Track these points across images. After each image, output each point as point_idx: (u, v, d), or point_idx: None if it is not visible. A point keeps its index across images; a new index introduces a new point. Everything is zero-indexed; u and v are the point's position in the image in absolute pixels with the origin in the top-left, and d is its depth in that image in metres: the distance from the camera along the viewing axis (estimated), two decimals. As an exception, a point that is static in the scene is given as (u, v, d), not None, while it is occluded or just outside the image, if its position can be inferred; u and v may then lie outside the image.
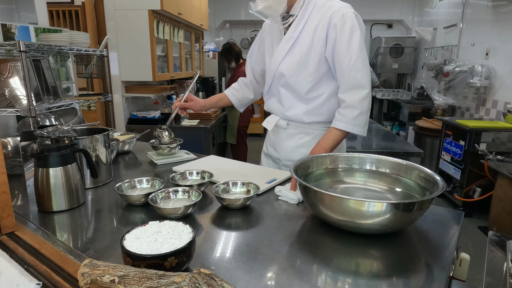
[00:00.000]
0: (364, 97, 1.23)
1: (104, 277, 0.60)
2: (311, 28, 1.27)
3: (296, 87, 1.34)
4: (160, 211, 0.92)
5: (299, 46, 1.30)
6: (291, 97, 1.37)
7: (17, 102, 1.43)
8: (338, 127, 1.26)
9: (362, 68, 1.23)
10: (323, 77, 1.31)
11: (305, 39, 1.29)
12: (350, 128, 1.25)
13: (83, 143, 1.14)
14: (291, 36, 1.31)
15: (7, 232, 0.84)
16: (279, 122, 1.44)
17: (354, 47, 1.21)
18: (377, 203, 0.79)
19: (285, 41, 1.33)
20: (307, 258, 0.79)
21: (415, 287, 0.70)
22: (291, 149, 1.43)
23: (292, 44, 1.31)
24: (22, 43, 1.19)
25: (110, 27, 2.93)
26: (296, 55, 1.31)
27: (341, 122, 1.26)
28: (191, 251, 0.68)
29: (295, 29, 1.30)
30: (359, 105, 1.23)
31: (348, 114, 1.25)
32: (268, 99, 1.47)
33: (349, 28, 1.21)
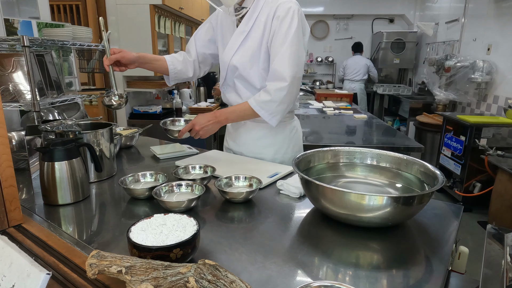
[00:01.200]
0: (281, 88, 1.26)
1: (112, 268, 0.61)
2: (261, 22, 1.30)
3: (249, 79, 1.37)
4: (164, 205, 0.94)
5: (250, 40, 1.33)
6: (246, 89, 1.41)
7: (21, 97, 1.44)
8: (249, 103, 1.30)
9: (287, 62, 1.25)
10: None
11: (256, 33, 1.32)
12: (258, 110, 1.29)
13: (87, 138, 1.15)
14: (243, 30, 1.34)
15: (14, 224, 0.86)
16: None
17: (287, 40, 1.24)
18: (377, 196, 0.80)
19: (238, 34, 1.35)
20: (308, 251, 0.80)
21: (414, 279, 0.72)
22: (252, 142, 1.47)
23: (245, 37, 1.33)
24: (26, 38, 1.20)
25: (111, 21, 2.93)
26: (248, 48, 1.34)
27: (254, 100, 1.30)
28: (195, 243, 0.70)
29: (247, 22, 1.33)
30: (273, 93, 1.26)
31: (262, 97, 1.29)
32: (225, 91, 1.50)
33: (289, 21, 1.24)
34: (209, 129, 1.32)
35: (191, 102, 4.06)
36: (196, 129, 1.30)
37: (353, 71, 5.98)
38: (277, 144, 1.47)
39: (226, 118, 1.34)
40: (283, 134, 1.47)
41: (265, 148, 1.46)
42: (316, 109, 4.00)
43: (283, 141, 1.48)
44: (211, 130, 1.33)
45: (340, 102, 4.64)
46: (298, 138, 1.55)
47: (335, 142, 2.52)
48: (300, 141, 1.57)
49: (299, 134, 1.56)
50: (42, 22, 1.81)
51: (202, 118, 1.31)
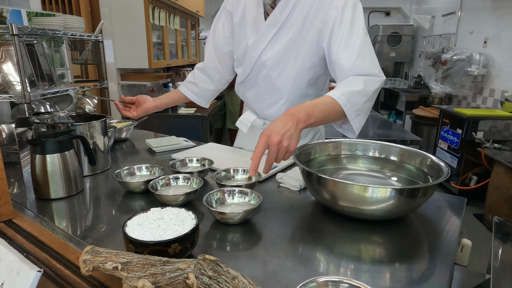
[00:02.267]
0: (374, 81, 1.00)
1: (107, 264, 0.59)
2: (303, 12, 1.07)
3: (278, 81, 1.16)
4: (161, 198, 0.90)
5: (286, 32, 1.10)
6: (272, 92, 1.19)
7: (11, 88, 1.39)
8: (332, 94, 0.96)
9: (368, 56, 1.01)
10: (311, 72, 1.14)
11: (294, 24, 1.09)
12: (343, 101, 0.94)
13: (80, 130, 1.12)
14: (276, 20, 1.10)
15: (4, 219, 0.82)
16: (256, 122, 1.27)
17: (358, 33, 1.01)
18: (381, 188, 0.78)
19: (270, 25, 1.11)
20: (310, 245, 0.78)
21: (418, 273, 0.70)
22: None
23: (278, 29, 1.10)
24: (15, 27, 1.15)
25: (105, 13, 2.86)
26: (283, 43, 1.11)
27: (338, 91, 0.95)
28: (194, 238, 0.67)
29: (282, 11, 1.08)
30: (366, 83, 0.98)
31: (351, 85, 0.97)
32: (244, 88, 1.28)
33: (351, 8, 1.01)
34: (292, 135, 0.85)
35: (187, 96, 4.00)
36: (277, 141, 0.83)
37: None
38: None
39: (307, 113, 0.89)
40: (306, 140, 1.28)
41: None
42: (313, 103, 3.97)
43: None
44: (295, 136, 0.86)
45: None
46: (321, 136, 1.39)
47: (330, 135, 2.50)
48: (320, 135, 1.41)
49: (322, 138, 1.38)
50: (32, 12, 1.75)
51: (276, 124, 0.86)
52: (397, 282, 0.67)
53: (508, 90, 3.53)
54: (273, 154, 0.83)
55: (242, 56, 1.23)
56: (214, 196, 0.88)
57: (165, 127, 3.13)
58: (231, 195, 0.89)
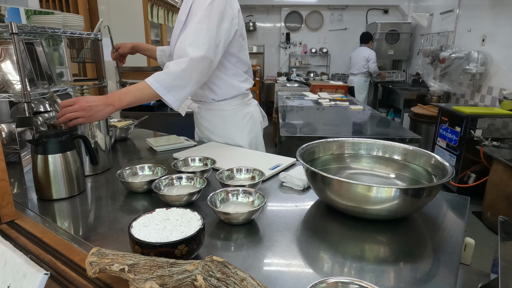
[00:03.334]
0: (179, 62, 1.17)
1: (113, 266, 0.58)
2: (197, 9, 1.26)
3: None
4: (164, 198, 0.90)
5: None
6: None
7: (10, 87, 1.38)
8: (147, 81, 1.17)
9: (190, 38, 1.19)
10: None
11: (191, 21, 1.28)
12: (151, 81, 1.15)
13: (81, 129, 1.11)
14: (180, 20, 1.34)
15: (7, 220, 0.82)
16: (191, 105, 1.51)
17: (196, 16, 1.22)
18: (386, 188, 0.78)
19: (177, 24, 1.36)
20: (316, 244, 0.78)
21: (423, 272, 0.70)
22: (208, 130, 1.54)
23: (182, 27, 1.33)
24: (15, 25, 1.14)
25: (102, 11, 2.84)
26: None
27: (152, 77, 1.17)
28: (201, 239, 0.67)
29: (183, 12, 1.32)
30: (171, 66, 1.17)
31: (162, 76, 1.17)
32: None
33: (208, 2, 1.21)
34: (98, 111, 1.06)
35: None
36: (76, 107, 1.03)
37: (354, 64, 5.77)
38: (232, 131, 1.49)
39: (120, 98, 1.12)
40: (235, 121, 1.49)
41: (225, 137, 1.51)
42: (312, 101, 3.97)
43: (235, 127, 1.50)
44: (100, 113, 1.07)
45: (335, 93, 4.62)
46: (253, 125, 1.55)
47: (330, 134, 2.50)
48: (256, 128, 1.58)
49: (254, 121, 1.55)
50: (30, 9, 1.73)
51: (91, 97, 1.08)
52: (402, 282, 0.67)
53: (506, 88, 3.54)
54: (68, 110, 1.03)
55: None
56: (218, 196, 0.87)
57: (165, 126, 3.12)
58: (235, 195, 0.89)
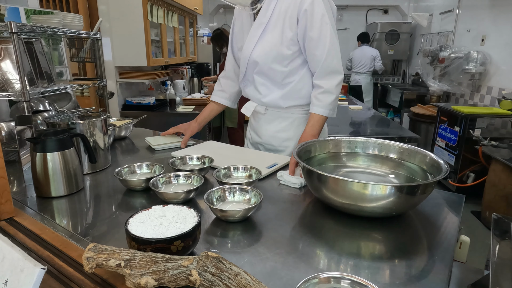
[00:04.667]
0: (339, 82, 1.27)
1: (110, 262, 0.59)
2: (281, 12, 1.25)
3: (270, 74, 1.33)
4: (162, 196, 0.91)
5: (270, 32, 1.28)
6: (267, 84, 1.36)
7: (10, 86, 1.39)
8: (318, 112, 1.28)
9: (336, 55, 1.24)
10: (296, 61, 1.31)
11: (276, 24, 1.26)
12: (327, 113, 1.28)
13: (80, 128, 1.12)
14: (261, 22, 1.28)
15: (5, 218, 0.82)
16: (257, 108, 1.44)
17: (326, 34, 1.21)
18: (381, 186, 0.79)
19: (256, 27, 1.30)
20: (311, 241, 0.78)
21: (417, 269, 0.71)
22: (272, 134, 1.44)
23: (263, 30, 1.28)
24: (14, 24, 1.14)
25: (102, 10, 2.85)
26: (268, 41, 1.29)
27: (320, 107, 1.27)
28: (196, 235, 0.68)
29: (265, 14, 1.27)
30: (335, 90, 1.26)
31: (325, 99, 1.27)
32: (245, 86, 1.45)
33: (320, 14, 1.20)
34: None
35: (185, 93, 4.00)
36: None
37: (359, 63, 5.77)
38: (297, 136, 1.38)
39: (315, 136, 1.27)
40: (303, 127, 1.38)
41: (286, 141, 1.43)
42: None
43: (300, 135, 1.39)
44: None
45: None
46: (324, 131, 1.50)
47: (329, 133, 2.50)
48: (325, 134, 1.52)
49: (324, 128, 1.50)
50: (30, 9, 1.74)
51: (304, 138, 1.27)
52: (397, 278, 0.68)
53: (505, 88, 3.55)
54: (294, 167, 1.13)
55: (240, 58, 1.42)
56: (215, 193, 0.88)
57: (164, 125, 3.13)
58: (232, 193, 0.90)
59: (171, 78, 3.96)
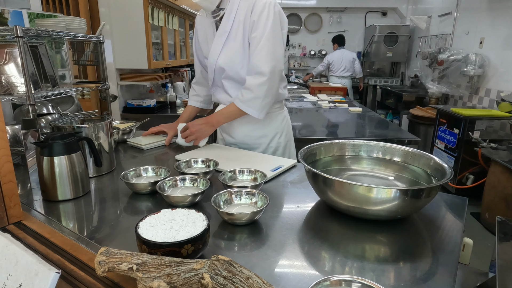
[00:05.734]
0: (261, 84, 1.30)
1: (122, 265, 0.60)
2: (241, 20, 1.32)
3: (237, 78, 1.40)
4: (169, 199, 0.92)
5: (233, 39, 1.35)
6: (236, 86, 1.43)
7: (14, 89, 1.39)
8: (236, 104, 1.36)
9: (266, 56, 1.29)
10: None
11: (237, 32, 1.33)
12: (245, 109, 1.34)
13: (86, 131, 1.12)
14: (224, 30, 1.35)
15: (14, 221, 0.83)
16: None
17: (264, 34, 1.27)
18: (386, 189, 0.80)
19: (219, 35, 1.37)
20: (317, 244, 0.79)
21: (422, 271, 0.72)
22: (245, 134, 1.51)
23: (226, 38, 1.36)
24: (20, 29, 1.15)
25: (103, 13, 2.86)
26: (231, 48, 1.36)
27: (240, 101, 1.35)
28: (206, 238, 0.68)
29: (227, 23, 1.34)
30: (255, 89, 1.31)
31: (245, 95, 1.33)
32: (214, 91, 1.53)
33: (266, 15, 1.27)
34: (203, 131, 1.41)
35: (185, 96, 4.01)
36: (192, 130, 1.39)
37: (341, 67, 5.69)
38: (269, 134, 1.51)
39: (217, 120, 1.42)
40: (274, 125, 1.52)
41: (258, 139, 1.51)
42: (311, 103, 3.99)
43: (274, 131, 1.52)
44: (205, 132, 1.42)
45: (334, 95, 4.64)
46: (288, 127, 1.62)
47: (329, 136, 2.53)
48: (290, 129, 1.63)
49: (289, 123, 1.63)
50: (33, 13, 1.75)
51: (196, 121, 1.41)
52: (402, 280, 0.69)
53: (504, 90, 3.57)
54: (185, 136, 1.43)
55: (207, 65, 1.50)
56: (222, 197, 0.89)
57: (164, 127, 3.13)
58: (238, 196, 0.91)
59: (171, 81, 3.96)
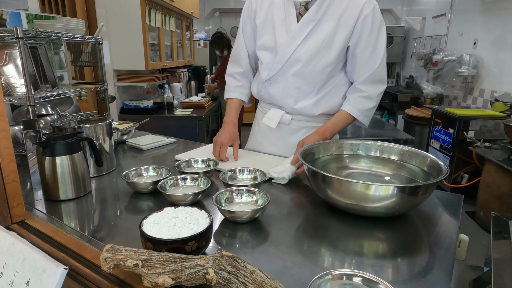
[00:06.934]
0: (381, 92, 1.26)
1: (127, 262, 0.61)
2: (336, 13, 1.18)
3: (311, 76, 1.24)
4: (170, 198, 0.93)
5: (320, 31, 1.19)
6: (302, 87, 1.27)
7: (13, 90, 1.40)
8: (351, 112, 1.24)
9: (385, 65, 1.25)
10: (338, 66, 1.26)
11: (328, 24, 1.19)
12: (362, 118, 1.25)
13: (87, 132, 1.13)
14: (311, 19, 1.19)
15: (17, 220, 0.84)
16: (283, 117, 1.33)
17: (382, 43, 1.21)
18: (384, 186, 0.82)
19: (304, 23, 1.20)
20: (316, 241, 0.81)
21: (420, 267, 0.74)
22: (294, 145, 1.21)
23: (313, 27, 1.19)
24: (20, 30, 1.15)
25: (101, 14, 2.86)
26: (317, 40, 1.20)
27: (356, 109, 1.24)
28: (209, 235, 0.70)
29: (317, 11, 1.18)
30: (377, 98, 1.25)
31: (365, 104, 1.24)
32: (269, 86, 1.32)
33: (379, 22, 1.20)
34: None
35: (182, 97, 4.02)
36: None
37: None
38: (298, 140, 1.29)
39: (331, 133, 1.23)
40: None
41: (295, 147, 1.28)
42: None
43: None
44: None
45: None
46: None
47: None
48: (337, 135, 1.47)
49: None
50: (32, 14, 1.75)
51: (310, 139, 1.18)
52: (400, 275, 0.71)
53: (497, 90, 3.62)
54: None
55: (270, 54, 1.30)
56: (223, 195, 0.91)
57: (162, 128, 3.14)
58: (239, 195, 0.92)
59: (168, 82, 3.97)
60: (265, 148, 1.43)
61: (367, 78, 1.23)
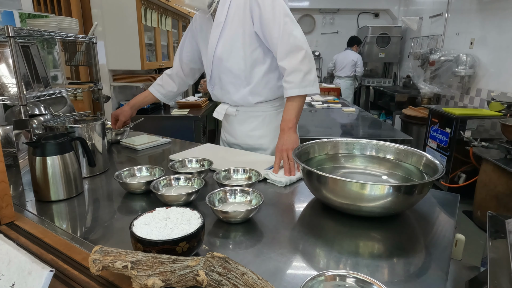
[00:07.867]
0: (303, 58, 1.24)
1: (116, 263, 0.59)
2: (237, 8, 1.30)
3: (234, 69, 1.37)
4: (163, 198, 0.91)
5: (229, 29, 1.33)
6: (233, 81, 1.41)
7: (5, 90, 1.38)
8: (291, 94, 1.26)
9: (293, 31, 1.23)
10: (257, 54, 1.35)
11: (233, 21, 1.31)
12: (303, 91, 1.26)
13: (79, 131, 1.12)
14: (219, 21, 1.33)
15: (6, 222, 0.82)
16: (228, 110, 1.49)
17: (279, 14, 1.23)
18: (379, 186, 0.81)
19: (215, 27, 1.35)
20: (311, 241, 0.80)
21: (416, 266, 0.72)
22: (245, 134, 1.49)
23: (222, 28, 1.33)
24: (11, 28, 1.14)
25: (96, 14, 2.85)
26: (228, 37, 1.34)
27: (292, 89, 1.25)
28: (201, 236, 0.68)
29: (221, 13, 1.32)
30: (301, 66, 1.24)
31: (294, 79, 1.24)
32: (212, 89, 1.51)
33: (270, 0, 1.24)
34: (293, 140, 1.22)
35: (179, 97, 4.00)
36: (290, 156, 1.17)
37: (340, 67, 5.83)
38: (270, 134, 1.47)
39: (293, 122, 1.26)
40: (275, 123, 1.45)
41: (260, 138, 1.48)
42: (305, 103, 4.00)
43: (275, 130, 1.45)
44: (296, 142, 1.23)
45: (327, 96, 4.67)
46: None
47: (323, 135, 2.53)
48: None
49: None
50: (25, 13, 1.73)
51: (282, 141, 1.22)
52: (396, 276, 0.70)
53: (494, 90, 3.63)
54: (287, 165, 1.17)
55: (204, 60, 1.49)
56: (217, 195, 0.89)
57: (159, 128, 3.13)
58: (233, 195, 0.91)
59: (164, 82, 3.95)
60: (227, 138, 1.59)
61: (279, 52, 1.26)
